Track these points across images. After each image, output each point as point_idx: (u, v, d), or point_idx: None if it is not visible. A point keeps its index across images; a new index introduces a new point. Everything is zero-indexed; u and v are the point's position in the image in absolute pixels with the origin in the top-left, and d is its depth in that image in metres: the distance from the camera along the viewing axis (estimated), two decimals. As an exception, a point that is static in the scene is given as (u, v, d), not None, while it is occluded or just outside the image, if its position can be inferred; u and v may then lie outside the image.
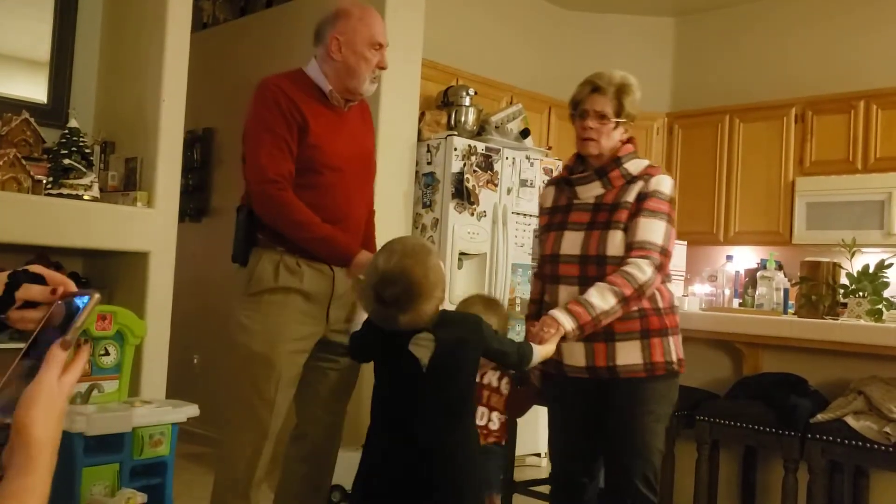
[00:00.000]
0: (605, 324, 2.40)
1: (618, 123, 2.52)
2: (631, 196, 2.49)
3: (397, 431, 2.16)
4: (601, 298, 2.36)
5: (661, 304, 2.50)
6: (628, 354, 2.47)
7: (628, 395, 2.50)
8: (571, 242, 2.54)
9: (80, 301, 0.93)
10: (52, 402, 0.85)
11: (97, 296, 0.93)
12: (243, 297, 2.58)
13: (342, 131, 2.63)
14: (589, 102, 2.54)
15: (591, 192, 2.57)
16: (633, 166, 2.54)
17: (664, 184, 2.50)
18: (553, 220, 2.64)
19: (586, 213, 2.55)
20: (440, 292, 2.11)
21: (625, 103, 2.52)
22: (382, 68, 2.64)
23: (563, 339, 2.37)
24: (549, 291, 2.59)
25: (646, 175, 2.51)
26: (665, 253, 2.45)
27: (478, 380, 2.69)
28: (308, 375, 2.63)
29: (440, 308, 2.14)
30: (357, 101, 2.70)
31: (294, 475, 2.71)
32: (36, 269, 0.98)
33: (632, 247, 2.43)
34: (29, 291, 0.94)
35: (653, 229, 2.44)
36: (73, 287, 0.97)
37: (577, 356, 2.52)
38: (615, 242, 2.47)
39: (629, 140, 2.59)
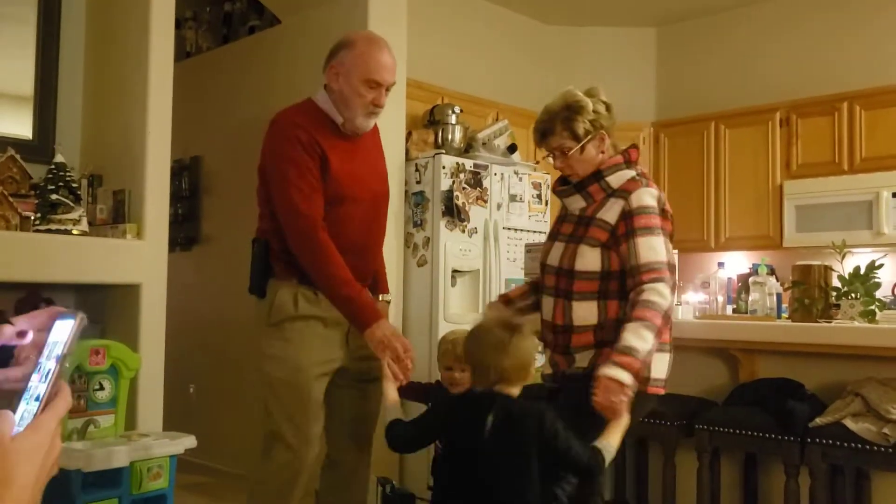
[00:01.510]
0: (650, 359, 2.30)
1: (584, 145, 2.47)
2: (610, 215, 2.42)
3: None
4: (639, 339, 2.23)
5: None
6: (580, 360, 2.43)
7: (567, 399, 2.43)
8: (555, 253, 2.53)
9: (60, 323, 0.87)
10: (35, 447, 0.82)
11: (80, 316, 0.86)
12: (265, 328, 2.60)
13: (358, 160, 2.64)
14: (546, 146, 2.56)
15: (575, 204, 2.54)
16: (615, 179, 2.47)
17: (645, 198, 2.40)
18: (553, 229, 2.65)
19: (571, 225, 2.53)
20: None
21: (576, 127, 2.46)
22: (378, 106, 2.58)
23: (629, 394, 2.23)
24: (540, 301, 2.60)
25: (624, 192, 2.43)
26: (671, 268, 2.37)
27: None
28: (334, 404, 2.66)
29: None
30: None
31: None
32: None
33: (640, 270, 2.32)
34: None
35: (653, 247, 2.34)
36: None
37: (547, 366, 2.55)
38: (583, 259, 2.42)
39: (628, 149, 2.52)
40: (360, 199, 2.62)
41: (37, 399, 0.82)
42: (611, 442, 2.19)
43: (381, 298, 2.84)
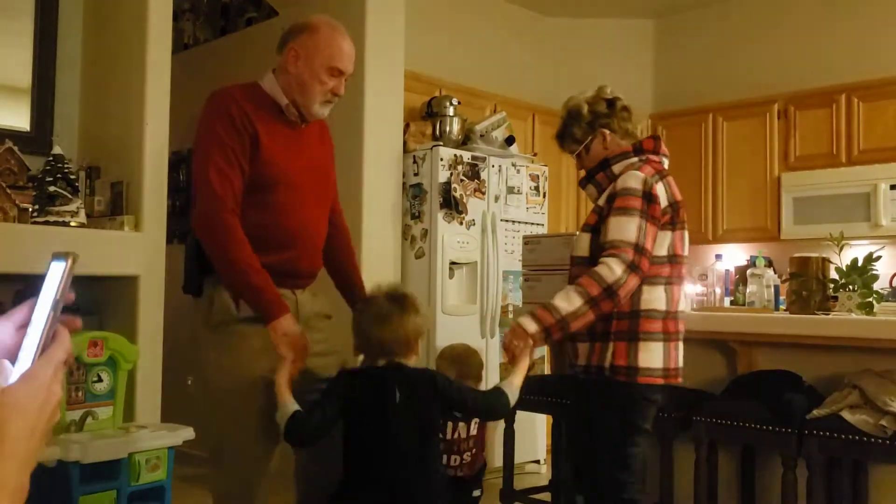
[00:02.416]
0: (578, 326, 2.41)
1: (587, 146, 2.65)
2: (602, 199, 2.54)
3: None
4: (566, 300, 2.38)
5: (615, 308, 2.45)
6: (581, 355, 2.54)
7: (581, 398, 2.59)
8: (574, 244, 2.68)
9: (55, 265, 0.82)
10: (36, 390, 0.78)
11: (73, 255, 0.82)
12: (206, 331, 2.44)
13: (297, 147, 2.49)
14: (563, 151, 2.79)
15: (592, 195, 2.68)
16: (620, 167, 2.57)
17: (628, 180, 2.47)
18: None
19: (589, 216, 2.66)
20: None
21: (575, 132, 2.66)
22: (337, 95, 2.48)
23: (533, 342, 2.42)
24: None
25: (618, 175, 2.53)
26: (640, 250, 2.38)
27: (449, 435, 2.98)
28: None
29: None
30: (313, 121, 2.55)
31: None
32: None
33: (602, 248, 2.42)
34: None
35: (622, 227, 2.40)
36: None
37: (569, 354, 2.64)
38: (579, 243, 2.57)
39: (643, 139, 2.65)
40: (296, 186, 2.45)
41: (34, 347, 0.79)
42: (513, 382, 2.38)
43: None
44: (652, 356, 2.47)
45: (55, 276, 0.82)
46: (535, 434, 5.09)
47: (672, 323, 2.53)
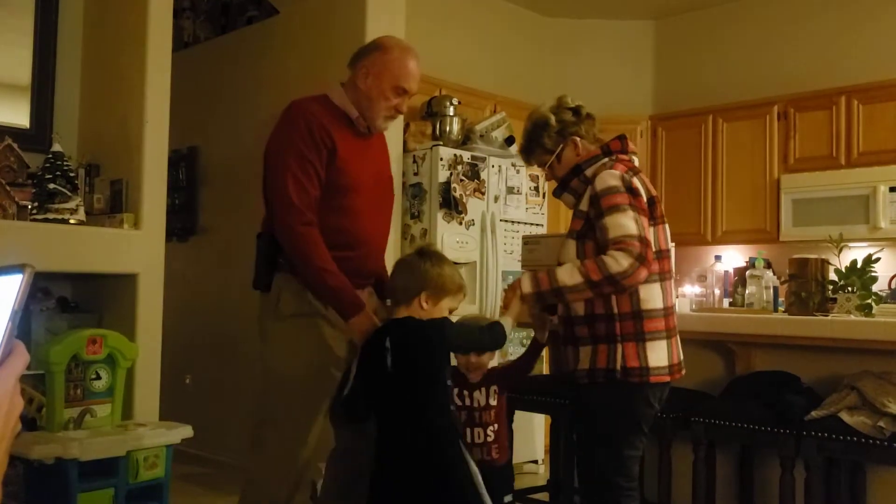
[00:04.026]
0: (575, 300, 2.44)
1: (559, 155, 2.64)
2: (584, 203, 2.51)
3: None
4: (567, 273, 2.39)
5: (615, 310, 2.45)
6: (583, 359, 2.50)
7: (581, 404, 2.58)
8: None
9: (5, 279, 0.82)
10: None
11: (29, 270, 0.81)
12: (271, 323, 2.62)
13: (366, 156, 2.69)
14: (531, 164, 2.80)
15: (569, 202, 2.65)
16: (592, 170, 2.56)
17: (607, 179, 2.45)
18: None
19: (570, 223, 2.61)
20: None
21: (545, 142, 2.65)
22: (399, 111, 2.70)
23: (523, 300, 2.47)
24: None
25: (592, 178, 2.51)
26: (644, 241, 2.37)
27: (466, 402, 2.91)
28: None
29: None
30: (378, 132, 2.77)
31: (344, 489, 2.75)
32: None
33: (608, 245, 2.38)
34: None
35: (619, 223, 2.38)
36: None
37: (566, 361, 2.62)
38: (566, 250, 2.52)
39: (610, 140, 2.62)
40: (364, 192, 2.65)
41: None
42: (506, 318, 2.46)
43: (387, 303, 2.86)
44: (659, 355, 2.46)
45: (11, 287, 0.81)
46: (533, 434, 5.09)
47: (671, 319, 2.53)
